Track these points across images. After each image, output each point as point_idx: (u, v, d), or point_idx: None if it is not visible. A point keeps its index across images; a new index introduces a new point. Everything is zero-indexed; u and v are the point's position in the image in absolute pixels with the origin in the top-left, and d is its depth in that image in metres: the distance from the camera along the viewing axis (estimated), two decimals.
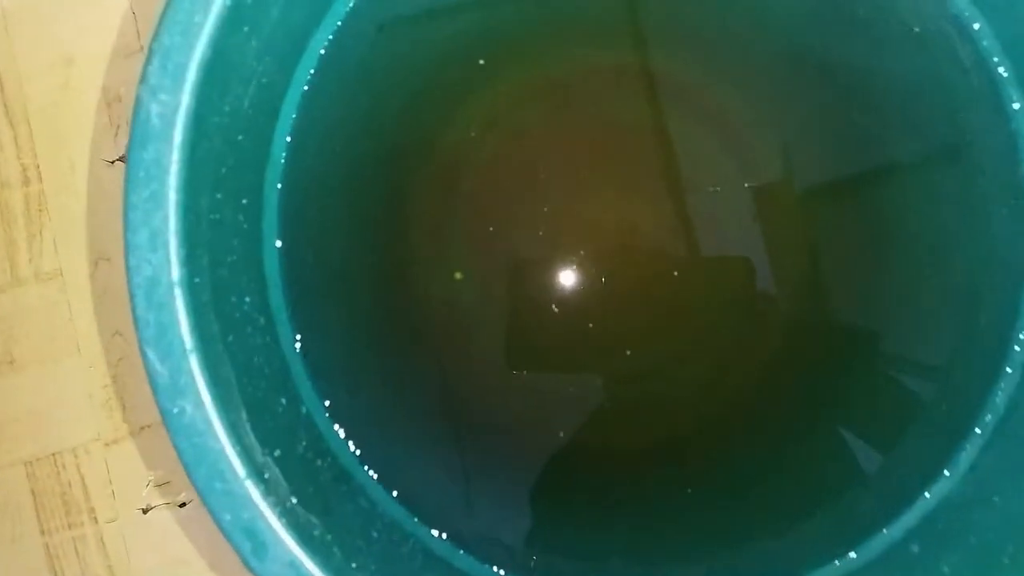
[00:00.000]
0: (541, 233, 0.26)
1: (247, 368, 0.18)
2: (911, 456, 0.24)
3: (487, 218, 0.26)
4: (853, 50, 0.25)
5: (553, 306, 0.25)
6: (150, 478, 0.27)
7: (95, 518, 0.27)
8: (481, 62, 0.25)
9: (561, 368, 0.26)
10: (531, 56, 0.26)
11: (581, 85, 0.26)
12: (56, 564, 0.27)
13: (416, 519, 0.22)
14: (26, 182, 0.27)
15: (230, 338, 0.18)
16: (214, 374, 0.16)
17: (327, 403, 0.23)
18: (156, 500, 0.27)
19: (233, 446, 0.16)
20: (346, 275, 0.24)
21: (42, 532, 0.27)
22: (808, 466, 0.25)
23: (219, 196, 0.18)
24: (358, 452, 0.23)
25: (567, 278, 0.26)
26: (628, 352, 0.25)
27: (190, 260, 0.16)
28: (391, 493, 0.23)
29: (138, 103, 0.16)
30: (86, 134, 0.28)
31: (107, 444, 0.27)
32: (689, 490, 0.25)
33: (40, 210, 0.27)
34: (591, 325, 0.25)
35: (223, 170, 0.18)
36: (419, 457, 0.24)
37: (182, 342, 0.16)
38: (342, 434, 0.23)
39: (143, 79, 0.16)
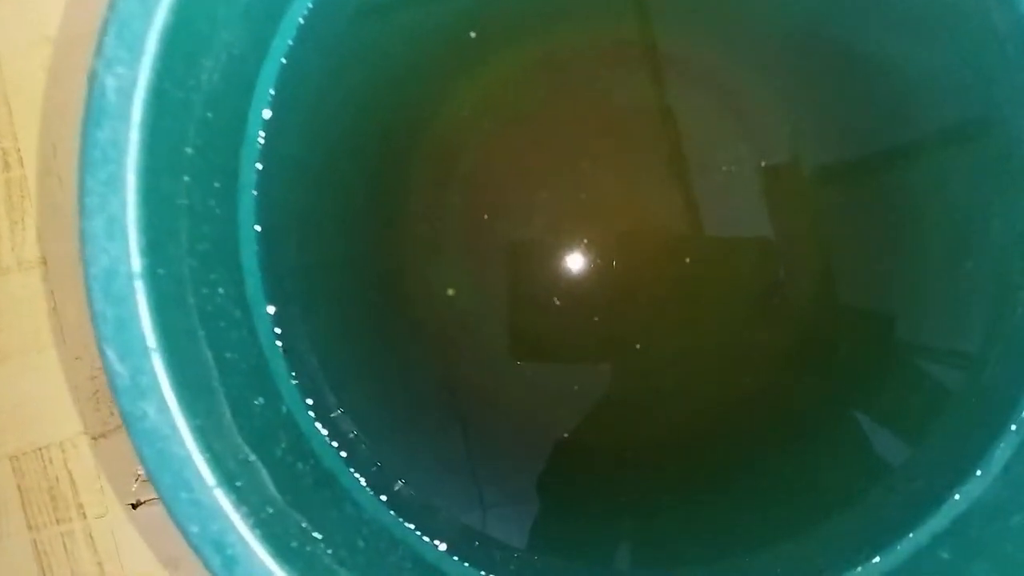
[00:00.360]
0: (542, 221, 0.24)
1: (219, 366, 0.17)
2: (940, 454, 0.23)
3: (484, 204, 0.25)
4: (876, 20, 0.24)
5: (555, 299, 0.24)
6: (139, 472, 0.26)
7: (84, 514, 0.27)
8: (472, 35, 0.24)
9: (565, 363, 0.25)
10: (528, 30, 0.25)
11: (582, 62, 0.25)
12: (44, 561, 0.27)
13: (406, 524, 0.21)
14: (7, 167, 0.27)
15: (200, 334, 0.17)
16: (180, 374, 0.15)
17: (309, 401, 0.22)
18: (146, 495, 0.26)
19: (201, 452, 0.15)
20: (332, 263, 0.23)
21: (29, 528, 0.27)
22: (827, 464, 0.24)
23: (187, 179, 0.17)
24: (343, 454, 0.22)
25: (571, 268, 0.24)
26: (637, 345, 0.24)
27: (153, 249, 0.15)
28: (379, 497, 0.22)
29: (92, 77, 0.15)
30: (69, 116, 0.27)
31: (95, 438, 0.27)
32: (700, 489, 0.24)
33: (22, 196, 0.27)
34: (597, 317, 0.24)
35: (190, 150, 0.17)
36: (410, 459, 0.23)
37: (143, 339, 0.15)
38: (326, 434, 0.22)
39: (98, 51, 0.15)
